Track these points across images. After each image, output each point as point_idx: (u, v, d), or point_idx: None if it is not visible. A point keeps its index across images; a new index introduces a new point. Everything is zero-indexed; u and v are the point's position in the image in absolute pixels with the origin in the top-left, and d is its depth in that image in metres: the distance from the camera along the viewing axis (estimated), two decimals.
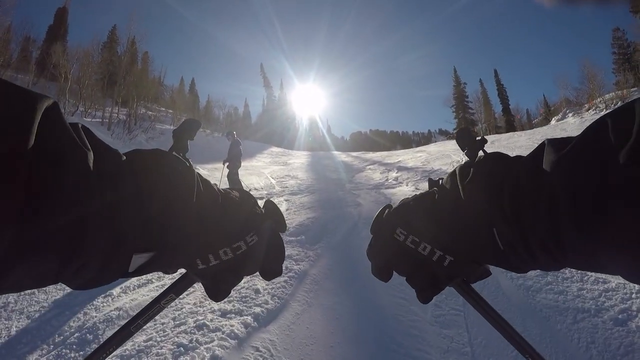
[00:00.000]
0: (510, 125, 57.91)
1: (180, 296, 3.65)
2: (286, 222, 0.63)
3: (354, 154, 31.86)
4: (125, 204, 0.40)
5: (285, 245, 0.60)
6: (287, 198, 9.27)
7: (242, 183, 10.23)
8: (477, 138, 0.58)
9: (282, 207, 8.10)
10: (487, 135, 38.77)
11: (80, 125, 0.39)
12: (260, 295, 3.81)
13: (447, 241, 0.52)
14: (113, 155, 0.41)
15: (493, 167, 0.48)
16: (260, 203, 0.61)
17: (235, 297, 3.75)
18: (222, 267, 0.53)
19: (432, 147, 24.79)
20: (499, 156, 0.50)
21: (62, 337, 3.18)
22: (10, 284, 0.32)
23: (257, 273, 0.59)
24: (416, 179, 11.58)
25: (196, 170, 0.52)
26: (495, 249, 0.46)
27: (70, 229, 0.33)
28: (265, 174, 15.12)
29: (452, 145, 22.98)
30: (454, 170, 0.54)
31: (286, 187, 11.48)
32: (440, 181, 0.57)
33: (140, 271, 0.44)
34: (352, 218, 7.05)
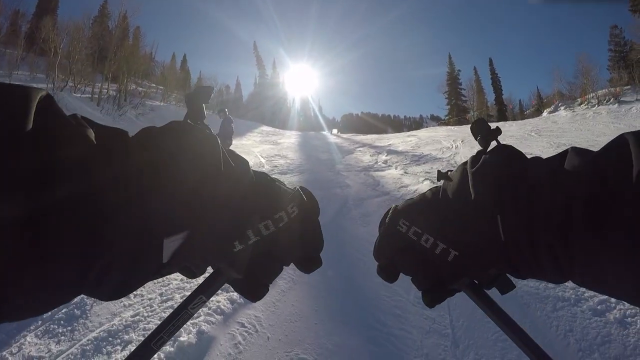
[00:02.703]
0: (502, 114, 58.09)
1: (173, 276, 3.68)
2: None
3: (345, 135, 31.79)
4: (144, 179, 0.34)
5: None
6: (276, 177, 9.23)
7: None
8: (492, 127, 0.54)
9: None
10: None
11: (78, 115, 0.34)
12: None
13: (449, 233, 0.48)
14: (119, 133, 0.37)
15: (506, 156, 0.46)
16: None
17: None
18: (260, 250, 0.47)
19: (423, 132, 24.80)
20: (512, 148, 0.47)
21: (50, 313, 3.17)
22: (16, 307, 0.26)
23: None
24: (405, 162, 11.61)
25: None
26: (497, 242, 0.42)
27: (83, 220, 0.28)
28: (254, 153, 15.02)
29: (443, 131, 23.05)
30: (465, 161, 0.51)
31: (275, 166, 11.44)
32: (449, 173, 0.53)
33: (174, 262, 0.38)
34: (341, 199, 7.10)
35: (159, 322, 0.45)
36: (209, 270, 0.51)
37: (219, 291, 3.36)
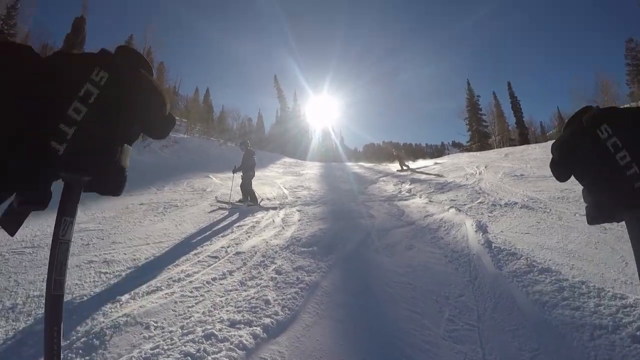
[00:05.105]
0: (524, 137, 57.20)
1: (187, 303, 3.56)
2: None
3: (367, 165, 31.75)
4: None
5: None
6: (300, 208, 9.23)
7: (256, 194, 10.21)
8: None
9: (295, 217, 8.10)
10: (501, 147, 38.34)
11: None
12: (270, 306, 3.77)
13: None
14: None
15: None
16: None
17: (245, 307, 3.72)
18: (90, 133, 0.41)
19: (445, 159, 24.65)
20: None
21: (68, 342, 3.16)
22: None
23: None
24: (429, 191, 11.50)
25: None
26: None
27: None
28: (278, 184, 15.08)
29: (465, 157, 22.84)
30: None
31: (299, 197, 11.44)
32: None
33: None
34: (365, 229, 7.01)
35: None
36: None
37: (242, 326, 3.31)
